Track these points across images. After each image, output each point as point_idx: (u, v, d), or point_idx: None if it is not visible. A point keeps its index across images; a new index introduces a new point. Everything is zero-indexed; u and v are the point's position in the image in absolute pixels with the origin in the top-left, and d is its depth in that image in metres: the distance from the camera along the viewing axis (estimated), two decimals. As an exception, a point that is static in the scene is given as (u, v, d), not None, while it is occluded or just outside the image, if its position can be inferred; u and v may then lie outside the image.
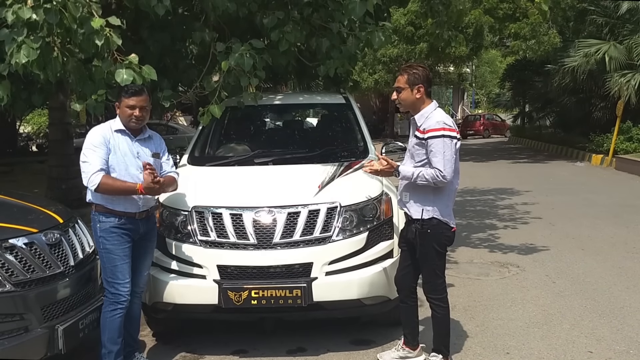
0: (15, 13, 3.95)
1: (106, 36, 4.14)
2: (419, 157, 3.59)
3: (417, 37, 19.51)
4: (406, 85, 3.59)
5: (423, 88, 3.58)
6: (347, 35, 5.59)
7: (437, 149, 3.47)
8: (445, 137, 3.48)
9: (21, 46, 4.04)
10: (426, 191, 3.58)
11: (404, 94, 3.62)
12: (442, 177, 3.46)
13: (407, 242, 3.76)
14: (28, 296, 3.13)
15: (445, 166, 3.46)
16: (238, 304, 3.81)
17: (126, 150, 3.59)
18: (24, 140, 14.26)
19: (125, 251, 3.55)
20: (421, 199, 3.60)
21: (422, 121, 3.58)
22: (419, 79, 3.57)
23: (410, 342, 3.90)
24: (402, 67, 3.73)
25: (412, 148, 3.64)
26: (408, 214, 3.68)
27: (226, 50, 4.90)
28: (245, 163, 4.83)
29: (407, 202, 3.66)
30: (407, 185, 3.68)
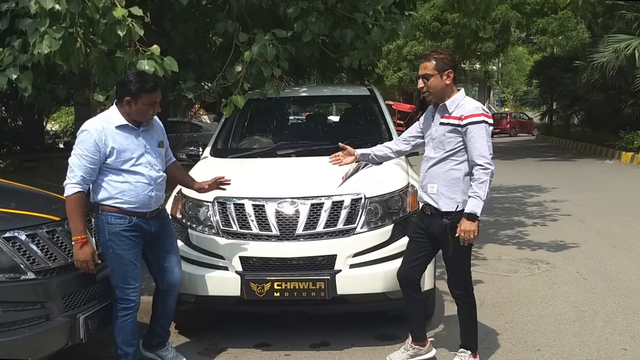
0: (37, 3, 3.95)
1: (128, 26, 4.12)
2: (451, 145, 3.39)
3: (442, 33, 19.29)
4: (435, 72, 3.40)
5: (453, 73, 3.42)
6: (371, 25, 5.51)
7: (480, 134, 3.31)
8: (485, 123, 3.35)
9: (44, 36, 4.05)
10: (458, 181, 3.40)
11: (434, 80, 3.41)
12: (489, 164, 3.32)
13: (427, 235, 3.56)
14: (50, 284, 3.10)
15: (489, 152, 3.33)
16: (260, 296, 3.76)
17: (132, 146, 3.29)
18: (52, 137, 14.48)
19: (136, 255, 3.38)
20: (453, 190, 3.40)
21: (454, 108, 3.40)
22: (448, 64, 3.41)
23: (419, 337, 3.72)
24: (425, 54, 3.51)
25: (442, 136, 3.42)
26: (435, 206, 3.46)
27: (249, 41, 4.86)
28: (267, 155, 4.78)
29: (435, 193, 3.45)
30: (433, 175, 3.47)
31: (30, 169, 10.32)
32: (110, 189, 3.27)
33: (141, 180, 3.31)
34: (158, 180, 3.41)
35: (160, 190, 3.45)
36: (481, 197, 3.29)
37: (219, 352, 4.03)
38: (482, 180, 3.30)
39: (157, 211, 3.47)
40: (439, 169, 3.43)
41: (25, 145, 12.40)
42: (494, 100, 44.57)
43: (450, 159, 3.40)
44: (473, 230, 3.31)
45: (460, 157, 3.38)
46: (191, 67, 5.36)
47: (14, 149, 12.55)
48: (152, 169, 3.37)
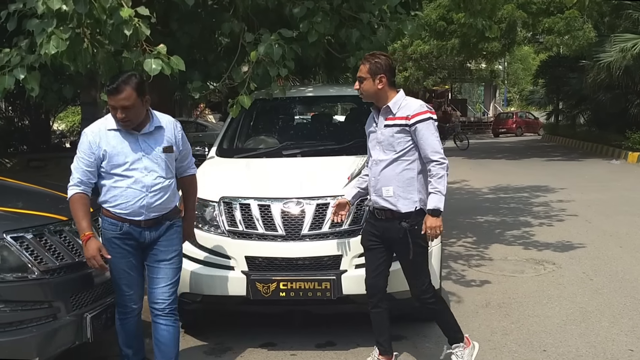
0: (45, 3, 3.95)
1: (135, 26, 4.12)
2: (401, 145, 3.36)
3: (448, 33, 19.21)
4: (368, 75, 3.38)
5: (385, 78, 3.37)
6: (377, 25, 5.50)
7: (429, 131, 3.32)
8: (431, 119, 3.35)
9: (51, 37, 4.05)
10: (412, 181, 3.38)
11: (366, 84, 3.40)
12: (443, 158, 3.33)
13: (382, 240, 3.48)
14: (57, 284, 3.12)
15: (440, 146, 3.35)
16: (266, 295, 3.76)
17: (126, 150, 3.10)
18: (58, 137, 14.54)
19: (129, 264, 3.19)
20: (409, 191, 3.37)
21: (397, 109, 3.38)
22: (381, 69, 3.36)
23: (387, 351, 3.63)
24: (365, 56, 3.49)
25: (390, 138, 3.37)
26: (394, 209, 3.38)
27: (255, 40, 4.86)
28: (273, 155, 4.78)
29: (392, 196, 3.38)
30: (387, 178, 3.39)
31: (37, 169, 10.37)
32: (105, 193, 3.17)
33: (133, 186, 3.10)
34: (154, 187, 3.14)
35: (159, 199, 3.16)
36: (442, 191, 3.31)
37: (224, 351, 4.05)
38: (440, 175, 3.31)
39: (156, 220, 3.20)
40: (391, 170, 3.38)
41: (32, 144, 12.46)
42: (499, 99, 44.44)
43: (402, 159, 3.37)
44: (439, 226, 3.32)
45: (412, 156, 3.37)
46: (197, 67, 5.36)
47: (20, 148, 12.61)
48: (148, 175, 3.13)
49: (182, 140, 3.34)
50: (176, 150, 3.27)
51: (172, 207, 3.28)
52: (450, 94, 39.98)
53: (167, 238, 3.26)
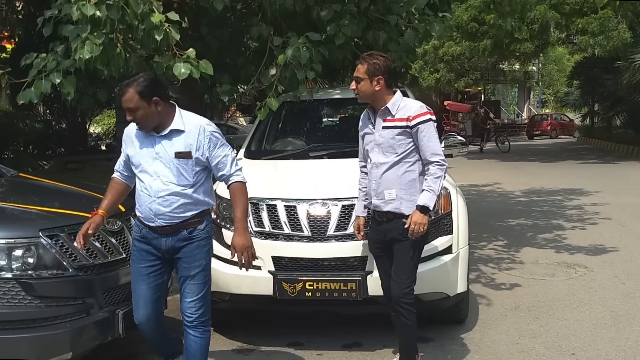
0: (79, 9, 4.09)
1: (165, 31, 4.23)
2: (402, 147, 3.31)
3: (480, 34, 19.03)
4: (365, 76, 3.31)
5: (383, 80, 3.29)
6: (405, 27, 5.51)
7: (430, 132, 3.29)
8: (432, 120, 3.32)
9: (85, 42, 4.19)
10: (415, 183, 3.34)
11: (363, 85, 3.33)
12: (444, 161, 3.31)
13: (384, 244, 3.43)
14: (90, 281, 3.23)
15: (440, 148, 3.34)
16: (292, 295, 3.80)
17: (143, 152, 3.03)
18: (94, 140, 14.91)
19: (142, 271, 3.08)
20: (411, 193, 3.33)
21: (396, 110, 3.33)
22: (379, 70, 3.29)
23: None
24: (362, 56, 3.40)
25: (391, 140, 3.32)
26: (397, 212, 3.33)
27: (283, 44, 4.92)
28: (300, 156, 4.83)
29: (394, 199, 3.33)
30: (389, 181, 3.34)
31: (74, 170, 10.66)
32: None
33: (143, 189, 3.04)
34: (161, 193, 2.99)
35: (167, 206, 2.99)
36: (435, 191, 3.28)
37: (252, 350, 4.10)
38: (438, 175, 3.29)
39: (173, 228, 3.03)
40: (393, 173, 3.33)
41: (69, 147, 12.80)
42: (534, 101, 43.73)
43: (404, 162, 3.32)
44: (424, 224, 3.25)
45: (413, 157, 3.33)
46: (226, 71, 5.46)
47: (58, 151, 12.96)
48: (156, 180, 3.00)
49: (211, 145, 3.03)
50: (197, 156, 3.01)
51: (188, 217, 3.03)
52: (483, 95, 39.50)
53: (189, 253, 3.05)
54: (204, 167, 3.07)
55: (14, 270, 2.94)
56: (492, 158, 19.37)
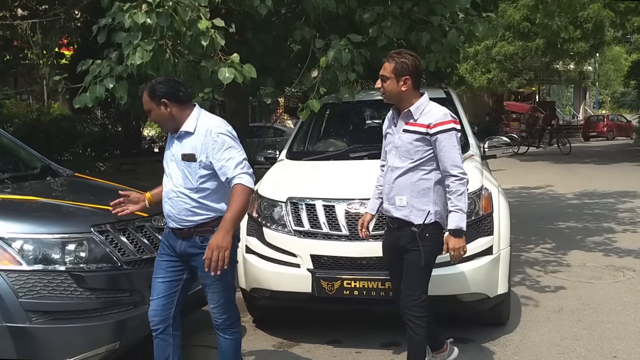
0: (131, 17, 4.28)
1: (211, 37, 4.39)
2: (419, 154, 3.14)
3: (532, 33, 18.61)
4: (392, 75, 3.14)
5: (410, 81, 3.13)
6: (448, 28, 5.51)
7: (451, 143, 3.08)
8: (455, 130, 3.12)
9: (136, 48, 4.38)
10: (428, 192, 3.17)
11: (390, 84, 3.16)
12: (464, 174, 3.10)
13: (396, 251, 3.29)
14: (138, 274, 3.37)
15: (461, 160, 3.12)
16: (330, 293, 3.87)
17: (168, 150, 3.10)
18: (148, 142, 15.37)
19: (162, 264, 3.11)
20: (424, 202, 3.15)
21: (419, 114, 3.16)
22: (407, 70, 3.12)
23: (437, 346, 3.55)
24: (390, 53, 3.23)
25: (408, 145, 3.16)
26: (406, 220, 3.18)
27: (325, 46, 5.00)
28: (340, 157, 4.90)
29: (404, 206, 3.18)
30: (401, 186, 3.19)
31: (128, 171, 11.09)
32: None
33: (163, 189, 3.12)
34: (169, 195, 3.04)
35: (174, 208, 3.02)
36: (463, 209, 3.08)
37: (292, 346, 4.19)
38: (461, 192, 3.09)
39: (186, 232, 3.03)
40: (406, 179, 3.17)
41: (124, 149, 13.28)
42: (590, 102, 42.31)
43: (419, 169, 3.16)
44: (462, 247, 3.11)
45: (429, 166, 3.15)
46: (270, 74, 5.58)
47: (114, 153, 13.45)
48: (170, 181, 3.05)
49: (215, 148, 2.93)
50: (202, 159, 2.95)
51: (197, 222, 2.99)
52: (537, 96, 38.53)
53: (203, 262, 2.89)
54: (214, 173, 2.96)
55: (67, 264, 3.11)
56: (546, 160, 18.90)
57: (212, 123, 3.02)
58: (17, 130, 11.25)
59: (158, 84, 3.03)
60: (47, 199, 3.61)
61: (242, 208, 2.90)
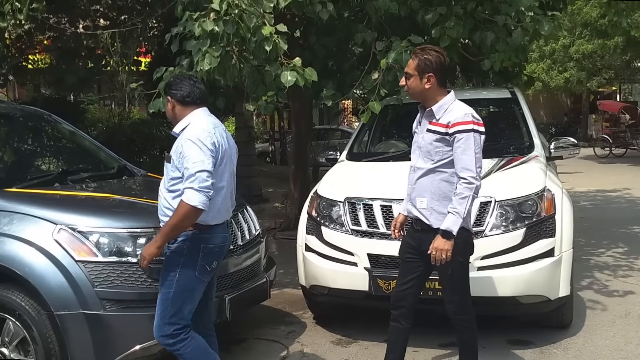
0: (200, 26, 4.52)
1: (274, 42, 4.55)
2: (439, 155, 3.06)
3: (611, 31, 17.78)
4: (415, 72, 3.07)
5: (434, 78, 3.05)
6: (514, 27, 5.43)
7: (468, 145, 2.97)
8: (475, 131, 3.00)
9: (205, 55, 4.61)
10: (449, 194, 3.06)
11: (413, 81, 3.10)
12: (474, 179, 2.98)
13: (419, 253, 3.20)
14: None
15: (475, 165, 2.99)
16: (387, 292, 3.91)
17: None
18: (220, 145, 15.90)
19: None
20: (445, 205, 3.05)
21: (442, 114, 3.07)
22: (430, 67, 3.04)
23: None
24: (414, 50, 3.17)
25: (429, 145, 3.09)
26: (427, 222, 3.12)
27: (386, 48, 5.06)
28: (399, 158, 4.92)
29: (425, 208, 3.11)
30: (423, 188, 3.12)
31: (200, 172, 11.54)
32: None
33: None
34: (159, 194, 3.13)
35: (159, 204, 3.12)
36: (460, 214, 2.97)
37: (350, 343, 4.28)
38: (464, 195, 2.97)
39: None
40: (428, 180, 3.11)
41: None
42: (679, 101, 39.75)
43: (440, 170, 3.08)
44: (447, 250, 2.98)
45: (451, 168, 3.06)
46: (332, 77, 5.69)
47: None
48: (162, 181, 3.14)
49: (181, 154, 2.96)
50: (174, 162, 3.00)
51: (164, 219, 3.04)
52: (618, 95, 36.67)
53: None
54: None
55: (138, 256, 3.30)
56: (625, 162, 18.01)
57: (192, 128, 3.02)
58: (100, 133, 11.99)
59: (174, 79, 3.25)
60: (121, 196, 3.86)
61: (175, 223, 2.90)
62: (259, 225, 4.32)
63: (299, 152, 8.06)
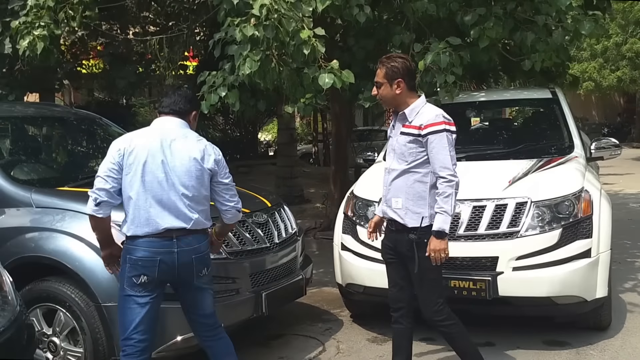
0: (241, 31, 4.68)
1: (312, 45, 4.67)
2: (413, 156, 3.16)
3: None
4: (385, 80, 3.20)
5: (403, 83, 3.17)
6: (554, 27, 5.38)
7: (441, 145, 3.09)
8: (447, 131, 3.11)
9: (245, 59, 4.77)
10: (424, 194, 3.16)
11: (384, 89, 3.22)
12: (452, 176, 3.08)
13: (396, 254, 3.31)
14: (240, 264, 3.73)
15: (452, 162, 3.10)
16: (419, 291, 3.98)
17: None
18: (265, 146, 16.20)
19: None
20: (419, 205, 3.16)
21: (414, 116, 3.18)
22: (398, 73, 3.17)
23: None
24: (380, 59, 3.28)
25: (403, 147, 3.20)
26: (401, 222, 3.21)
27: (424, 50, 5.10)
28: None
29: (400, 208, 3.20)
30: (397, 189, 3.22)
31: (244, 173, 11.83)
32: None
33: None
34: None
35: None
36: (448, 212, 3.06)
37: (386, 341, 4.33)
38: (448, 194, 3.07)
39: None
40: (402, 181, 3.21)
41: (243, 153, 14.16)
42: None
43: (414, 171, 3.18)
44: (443, 249, 3.08)
45: (425, 168, 3.16)
46: (371, 78, 5.74)
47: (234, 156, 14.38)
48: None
49: None
50: None
51: None
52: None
53: None
54: None
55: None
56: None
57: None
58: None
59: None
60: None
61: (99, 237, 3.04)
62: (296, 224, 4.44)
63: (338, 153, 8.16)
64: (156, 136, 3.00)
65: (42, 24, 5.34)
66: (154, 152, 2.93)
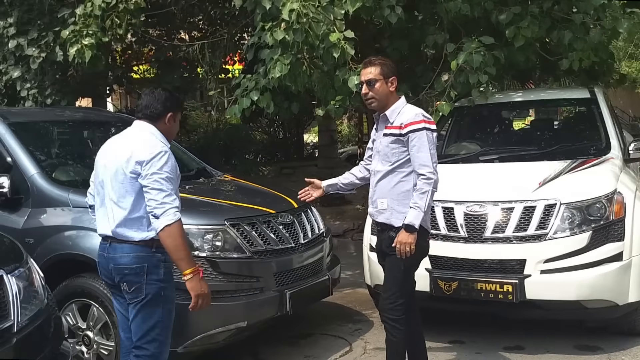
0: (272, 36, 4.78)
1: (342, 48, 4.72)
2: (396, 156, 3.20)
3: None
4: (381, 77, 3.21)
5: (396, 81, 3.26)
6: (592, 25, 5.25)
7: (422, 142, 3.12)
8: (427, 129, 3.14)
9: (277, 63, 4.87)
10: (408, 194, 3.19)
11: (380, 86, 3.21)
12: (432, 174, 3.12)
13: (382, 254, 3.36)
14: (264, 263, 3.81)
15: (432, 160, 3.13)
16: (448, 293, 3.97)
17: None
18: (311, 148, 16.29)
19: None
20: (404, 204, 3.18)
21: (394, 117, 3.22)
22: (392, 71, 3.24)
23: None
24: (366, 61, 3.31)
25: (386, 148, 3.23)
26: (387, 223, 3.24)
27: (457, 49, 5.07)
28: (469, 160, 4.93)
29: (386, 209, 3.24)
30: (382, 190, 3.26)
31: (287, 175, 11.99)
32: None
33: None
34: None
35: None
36: (421, 208, 3.09)
37: (412, 342, 4.34)
38: (424, 190, 3.11)
39: None
40: (387, 182, 3.24)
41: (288, 154, 14.33)
42: None
43: (397, 171, 3.21)
44: (410, 243, 3.09)
45: (408, 168, 3.19)
46: (406, 79, 5.74)
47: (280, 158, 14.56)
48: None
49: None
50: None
51: None
52: None
53: None
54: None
55: (206, 251, 3.62)
56: None
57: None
58: (200, 138, 12.76)
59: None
60: (195, 196, 4.16)
61: None
62: (323, 224, 4.50)
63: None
64: (111, 139, 3.08)
65: (90, 32, 5.62)
66: (102, 155, 3.01)
